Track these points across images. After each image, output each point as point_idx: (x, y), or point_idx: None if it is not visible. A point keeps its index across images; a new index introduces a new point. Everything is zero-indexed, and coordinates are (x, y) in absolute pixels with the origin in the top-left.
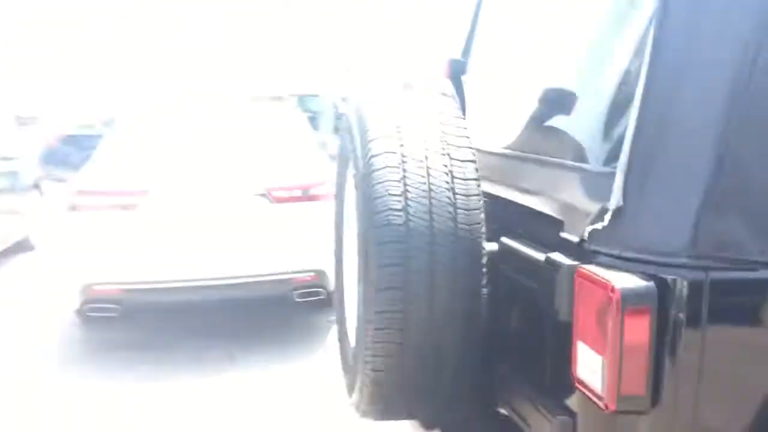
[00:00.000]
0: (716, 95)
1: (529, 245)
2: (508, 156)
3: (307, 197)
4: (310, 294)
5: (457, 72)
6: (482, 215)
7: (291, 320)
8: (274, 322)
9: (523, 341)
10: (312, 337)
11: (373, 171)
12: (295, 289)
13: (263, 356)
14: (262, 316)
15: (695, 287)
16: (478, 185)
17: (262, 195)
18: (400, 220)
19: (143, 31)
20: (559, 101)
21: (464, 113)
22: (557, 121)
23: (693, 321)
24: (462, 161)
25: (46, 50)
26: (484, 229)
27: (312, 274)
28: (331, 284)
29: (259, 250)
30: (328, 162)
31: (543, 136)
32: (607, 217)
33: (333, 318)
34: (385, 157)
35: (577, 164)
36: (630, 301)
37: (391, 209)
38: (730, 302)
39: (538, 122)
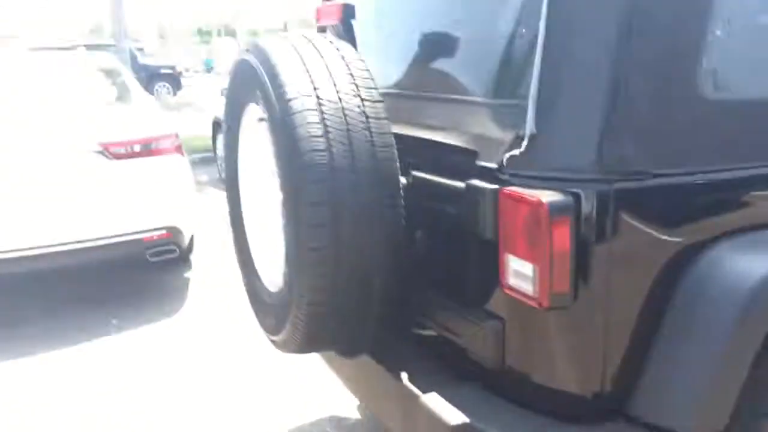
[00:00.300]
0: (607, 34)
1: (443, 176)
2: (412, 97)
3: (149, 152)
4: (164, 252)
5: (348, 16)
6: (395, 152)
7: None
8: (139, 283)
9: (445, 264)
10: (171, 295)
11: (293, 114)
12: (148, 248)
13: (141, 317)
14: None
15: (603, 197)
16: (389, 124)
17: (99, 152)
18: (324, 160)
19: None
20: (461, 43)
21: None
22: (461, 62)
23: (602, 225)
24: (372, 101)
25: None
26: (398, 165)
27: (164, 231)
28: (185, 240)
29: (103, 211)
30: (163, 114)
31: (447, 76)
32: (524, 144)
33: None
34: (302, 101)
35: (486, 100)
36: (556, 212)
37: (315, 150)
38: (632, 208)
39: (441, 64)
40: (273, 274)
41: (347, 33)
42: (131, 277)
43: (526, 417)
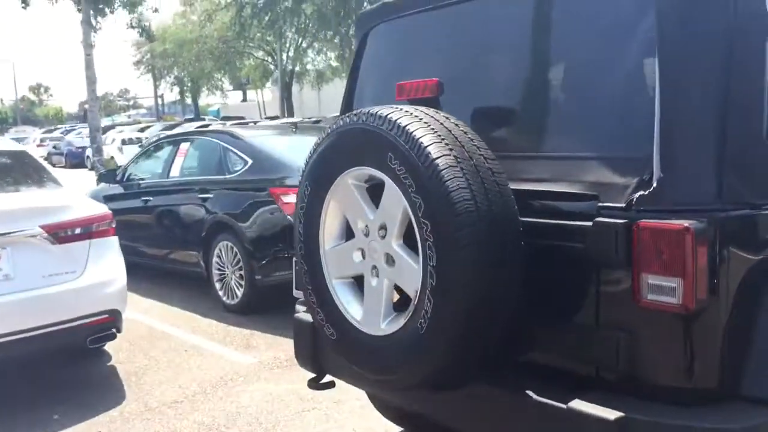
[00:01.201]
0: (711, 93)
1: (558, 218)
2: (528, 157)
3: (89, 234)
4: (104, 337)
5: (439, 91)
6: (514, 199)
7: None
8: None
9: (559, 294)
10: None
11: (441, 170)
12: (89, 334)
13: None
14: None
15: (725, 223)
16: (506, 176)
17: (40, 235)
18: (473, 208)
19: None
20: (567, 110)
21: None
22: (589, 127)
23: (725, 245)
24: (493, 159)
25: None
26: (517, 210)
27: (105, 315)
28: (122, 322)
29: (44, 298)
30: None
31: (557, 138)
32: (653, 185)
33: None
34: (445, 159)
35: (606, 154)
36: (699, 235)
37: (465, 200)
38: (742, 231)
39: (551, 127)
40: (379, 319)
41: (438, 106)
42: (66, 367)
43: (666, 406)
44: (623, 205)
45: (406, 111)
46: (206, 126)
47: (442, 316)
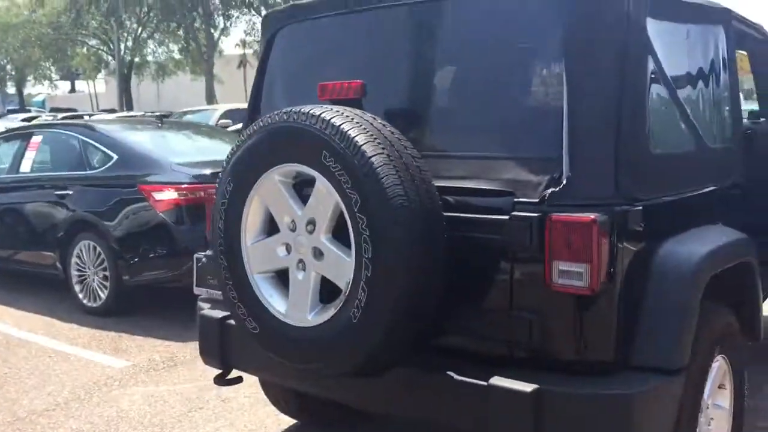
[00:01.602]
0: (611, 111)
1: (480, 213)
2: (449, 157)
3: None
4: None
5: (363, 92)
6: (438, 195)
7: None
8: None
9: (478, 283)
10: None
11: (375, 168)
12: None
13: None
14: None
15: (620, 215)
16: (431, 174)
17: None
18: (406, 203)
19: None
20: (497, 119)
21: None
22: (505, 131)
23: (620, 234)
24: (419, 158)
25: None
26: (441, 205)
27: None
28: None
29: None
30: None
31: (474, 140)
32: (562, 183)
33: None
34: (380, 158)
35: (525, 155)
36: (602, 226)
37: (399, 195)
38: (632, 222)
39: (467, 132)
40: (306, 311)
41: (361, 107)
42: None
43: (573, 377)
44: (537, 200)
45: (339, 111)
46: (33, 119)
47: (377, 305)
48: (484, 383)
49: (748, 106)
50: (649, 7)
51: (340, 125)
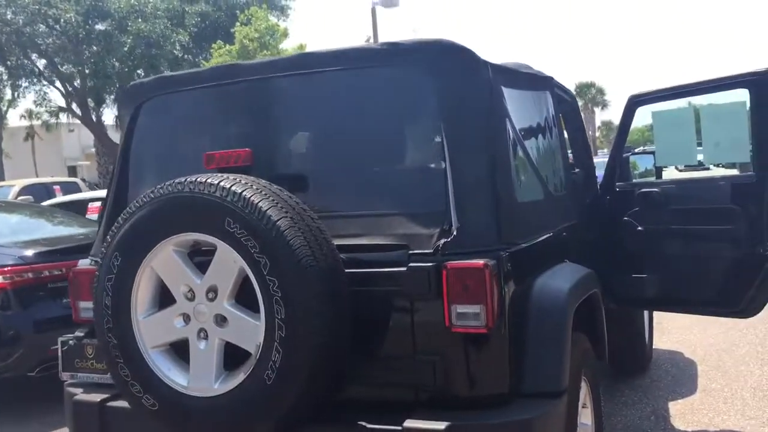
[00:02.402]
0: (484, 172)
1: (378, 267)
2: (343, 216)
3: None
4: None
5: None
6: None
7: None
8: None
9: (378, 330)
10: None
11: (283, 231)
12: None
13: None
14: None
15: (503, 259)
16: (329, 233)
17: None
18: (314, 262)
19: None
20: (384, 179)
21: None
22: (394, 190)
23: (505, 275)
24: (317, 219)
25: None
26: (342, 262)
27: None
28: None
29: None
30: None
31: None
32: (453, 233)
33: None
34: (285, 221)
35: (412, 211)
36: (492, 270)
37: (306, 256)
38: (512, 263)
39: (356, 192)
40: (211, 380)
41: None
42: None
43: (478, 411)
44: (431, 250)
45: (237, 179)
46: None
47: (292, 364)
48: (399, 427)
49: None
50: (503, 79)
51: (242, 192)
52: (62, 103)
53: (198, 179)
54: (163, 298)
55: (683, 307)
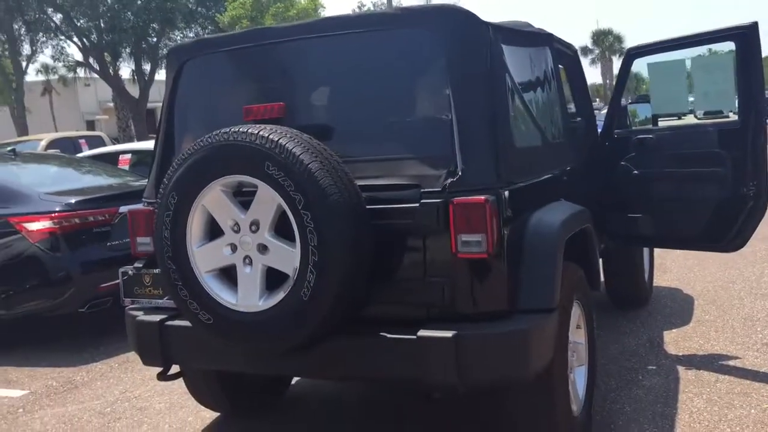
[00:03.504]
0: (487, 118)
1: (395, 203)
2: (365, 161)
3: None
4: None
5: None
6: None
7: None
8: None
9: (397, 257)
10: None
11: (314, 173)
12: None
13: None
14: None
15: (502, 195)
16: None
17: None
18: (341, 199)
19: None
20: (399, 128)
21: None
22: (408, 138)
23: (503, 209)
24: (342, 163)
25: None
26: (364, 199)
27: None
28: None
29: None
30: None
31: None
32: (458, 174)
33: None
34: (316, 164)
35: (426, 155)
36: (492, 205)
37: (335, 193)
38: (511, 199)
39: (379, 138)
40: (255, 298)
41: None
42: None
43: (480, 323)
44: (440, 189)
45: (275, 129)
46: None
47: (324, 284)
48: (413, 336)
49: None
50: (503, 37)
51: (278, 140)
52: (80, 57)
53: (242, 129)
54: (213, 230)
55: (674, 244)
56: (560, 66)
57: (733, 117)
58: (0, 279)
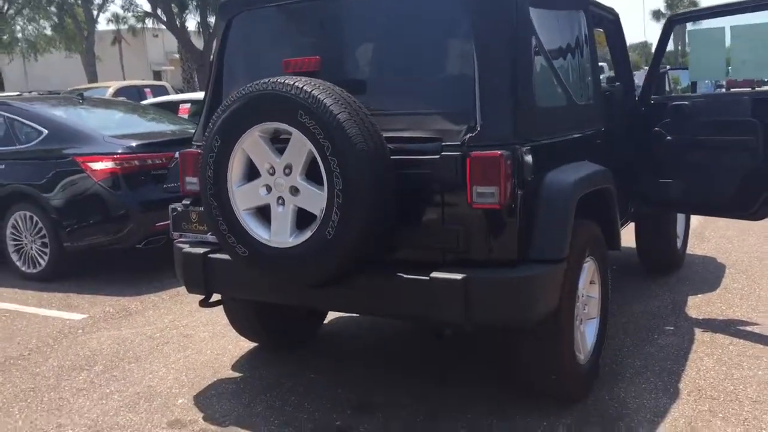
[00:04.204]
0: (507, 77)
1: (418, 155)
2: (391, 114)
3: None
4: None
5: (320, 67)
6: (386, 144)
7: None
8: None
9: (419, 205)
10: None
11: (342, 122)
12: None
13: None
14: None
15: (519, 152)
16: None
17: None
18: (366, 147)
19: None
20: (419, 84)
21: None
22: (432, 94)
23: (519, 164)
24: (370, 115)
25: None
26: (389, 149)
27: None
28: None
29: None
30: None
31: (422, 101)
32: (477, 130)
33: None
34: (345, 114)
35: (448, 110)
36: (506, 159)
37: (360, 142)
38: (528, 156)
39: (406, 94)
40: (286, 235)
41: (318, 77)
42: None
43: (490, 269)
44: (459, 143)
45: (309, 80)
46: None
47: (348, 223)
48: (427, 277)
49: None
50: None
51: (311, 91)
52: (148, 8)
53: (278, 80)
54: (251, 172)
55: (703, 210)
56: (599, 30)
57: None
58: (66, 213)
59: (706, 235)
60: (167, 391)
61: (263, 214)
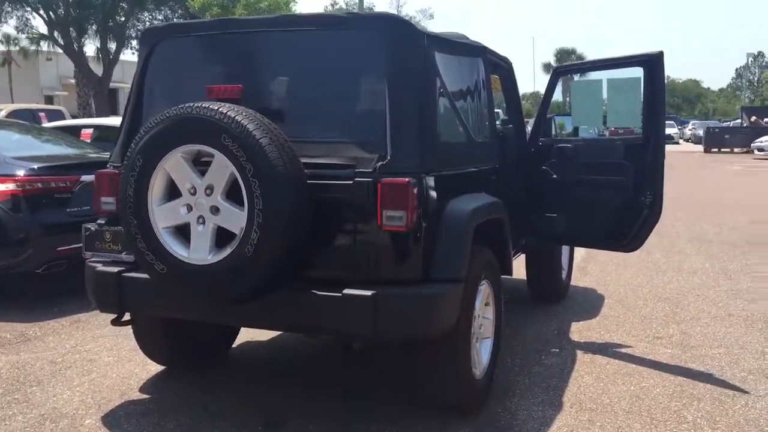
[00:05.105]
0: (413, 115)
1: (332, 179)
2: (308, 142)
3: None
4: None
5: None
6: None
7: None
8: None
9: (333, 227)
10: None
11: (264, 146)
12: None
13: None
14: None
15: (423, 180)
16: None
17: None
18: (286, 171)
19: None
20: (340, 116)
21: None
22: (347, 125)
23: (423, 192)
24: (289, 142)
25: None
26: (306, 174)
27: None
28: None
29: None
30: None
31: (334, 130)
32: (387, 158)
33: None
34: (266, 139)
35: (362, 140)
36: (413, 185)
37: (280, 165)
38: (431, 185)
39: (320, 122)
40: (206, 253)
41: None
42: None
43: (396, 287)
44: (371, 170)
45: (232, 106)
46: None
47: (266, 242)
48: (339, 294)
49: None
50: (437, 45)
51: (235, 116)
52: (44, 30)
53: (204, 105)
54: (172, 192)
55: (582, 243)
56: (495, 76)
57: None
58: None
59: (588, 269)
60: (74, 412)
61: (182, 232)
